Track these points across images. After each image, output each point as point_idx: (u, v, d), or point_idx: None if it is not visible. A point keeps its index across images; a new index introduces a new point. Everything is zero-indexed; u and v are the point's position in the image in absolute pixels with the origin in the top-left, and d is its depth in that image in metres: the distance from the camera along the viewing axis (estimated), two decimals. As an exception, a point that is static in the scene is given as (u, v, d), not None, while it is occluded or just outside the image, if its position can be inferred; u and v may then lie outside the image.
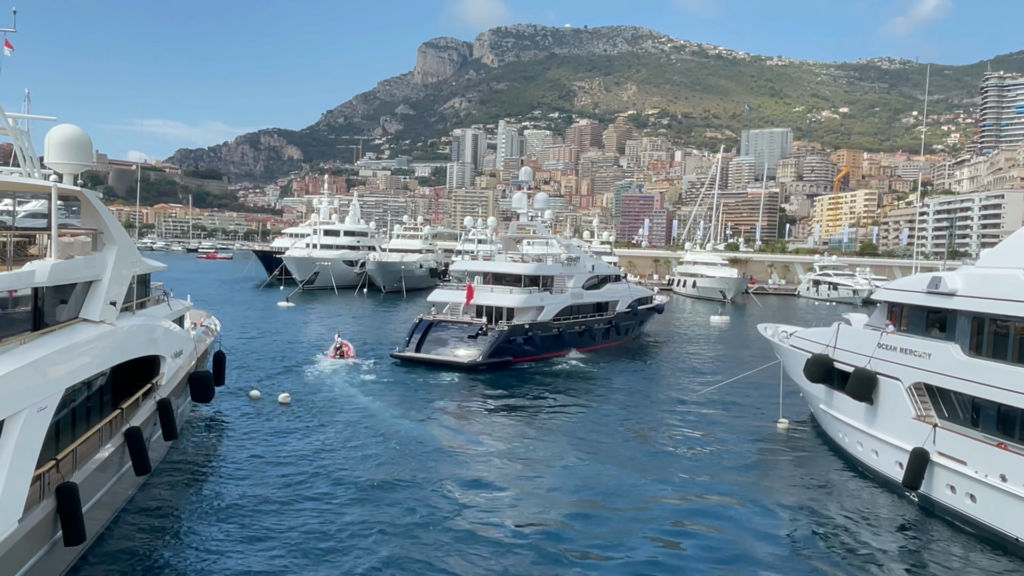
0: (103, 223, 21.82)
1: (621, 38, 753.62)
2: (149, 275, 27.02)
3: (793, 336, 35.29)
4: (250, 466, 25.24)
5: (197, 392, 27.79)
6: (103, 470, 18.52)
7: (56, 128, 22.01)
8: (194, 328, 33.70)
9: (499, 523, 21.19)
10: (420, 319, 50.48)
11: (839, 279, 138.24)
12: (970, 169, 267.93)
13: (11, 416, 14.61)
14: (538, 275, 53.58)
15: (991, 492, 20.65)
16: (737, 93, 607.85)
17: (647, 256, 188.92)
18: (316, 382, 40.26)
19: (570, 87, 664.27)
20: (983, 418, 22.32)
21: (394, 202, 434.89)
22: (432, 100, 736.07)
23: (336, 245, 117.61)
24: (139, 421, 20.94)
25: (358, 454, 27.25)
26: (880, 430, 25.94)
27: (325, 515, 21.20)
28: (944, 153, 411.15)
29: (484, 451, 28.63)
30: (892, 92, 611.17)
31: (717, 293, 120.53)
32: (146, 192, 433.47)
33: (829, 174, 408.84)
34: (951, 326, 23.83)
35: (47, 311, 18.26)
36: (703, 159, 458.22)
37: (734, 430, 33.07)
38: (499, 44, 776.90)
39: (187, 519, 20.59)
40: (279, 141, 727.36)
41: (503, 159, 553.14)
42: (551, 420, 34.32)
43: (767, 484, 25.84)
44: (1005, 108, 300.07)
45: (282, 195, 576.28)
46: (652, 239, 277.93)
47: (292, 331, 61.88)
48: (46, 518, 15.32)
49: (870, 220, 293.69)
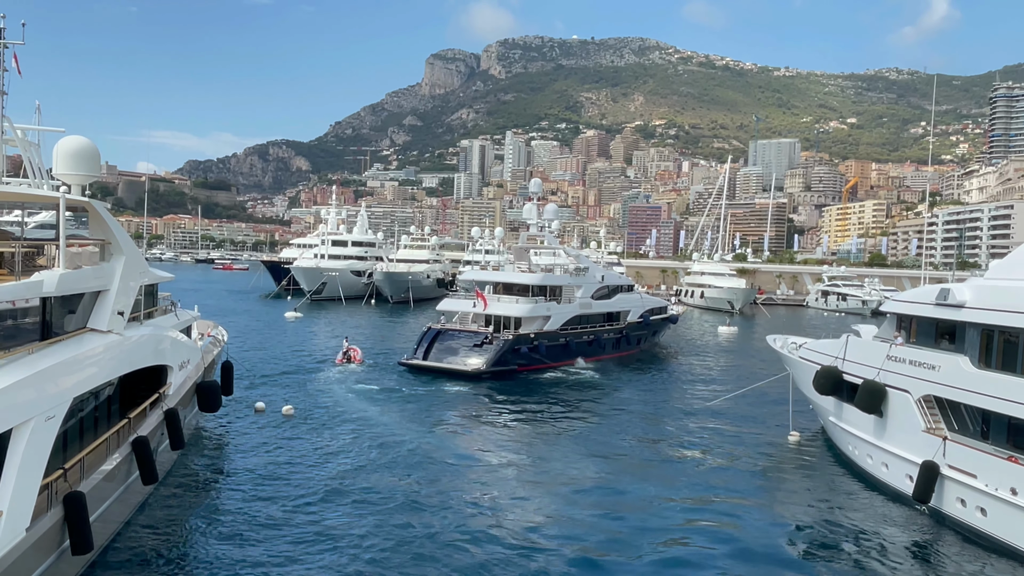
0: (111, 233, 21.92)
1: (628, 49, 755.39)
2: (156, 285, 27.13)
3: (802, 348, 35.12)
4: (257, 476, 25.22)
5: (204, 402, 27.82)
6: (110, 480, 18.54)
7: (64, 139, 22.12)
8: (201, 338, 33.78)
9: (505, 534, 21.08)
10: (429, 327, 51.50)
11: (848, 290, 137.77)
12: (979, 179, 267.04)
13: (19, 425, 14.64)
14: (545, 285, 54.14)
15: (1002, 506, 20.47)
16: (744, 104, 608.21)
17: (655, 266, 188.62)
18: (322, 392, 40.26)
19: (577, 98, 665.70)
20: (993, 431, 22.15)
21: (401, 213, 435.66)
22: (440, 111, 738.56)
23: (344, 256, 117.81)
24: (146, 431, 20.97)
25: (363, 465, 27.17)
26: (890, 443, 25.76)
27: (330, 526, 21.13)
28: (953, 163, 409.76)
29: (489, 463, 28.53)
30: (900, 102, 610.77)
31: (725, 304, 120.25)
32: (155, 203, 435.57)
33: (837, 184, 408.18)
34: (960, 338, 23.69)
35: (55, 321, 18.33)
36: (710, 169, 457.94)
37: (744, 442, 32.87)
38: (506, 55, 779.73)
39: (194, 529, 20.57)
40: (287, 152, 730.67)
41: (510, 170, 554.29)
42: (557, 431, 34.21)
43: (777, 497, 25.69)
44: (1014, 118, 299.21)
45: (290, 206, 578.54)
46: (660, 249, 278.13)
47: (299, 341, 61.97)
48: (53, 527, 15.33)
49: (879, 231, 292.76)
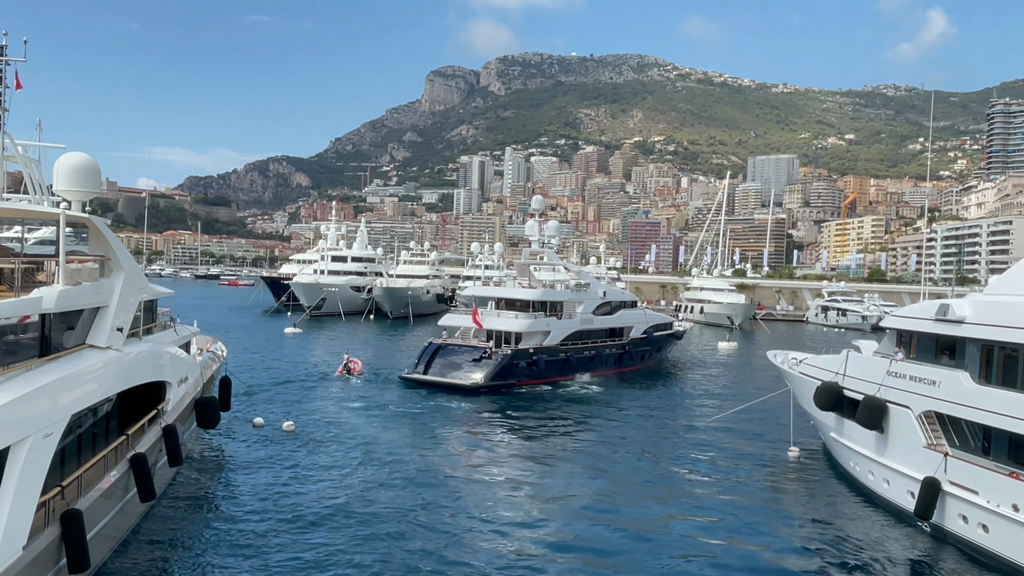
0: (111, 250, 21.94)
1: (627, 66, 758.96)
2: (156, 301, 27.13)
3: (803, 363, 35.03)
4: (255, 493, 25.10)
5: (203, 418, 27.73)
6: (108, 497, 18.44)
7: (65, 156, 22.19)
8: (200, 354, 33.74)
9: (505, 552, 20.96)
10: (430, 342, 52.45)
11: (848, 305, 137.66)
12: (977, 195, 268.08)
13: (17, 442, 14.58)
14: (545, 300, 54.66)
15: (1003, 522, 20.36)
16: (743, 120, 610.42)
17: (654, 282, 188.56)
18: (322, 408, 40.16)
19: (576, 114, 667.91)
20: (994, 447, 22.05)
21: (401, 228, 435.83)
22: (439, 127, 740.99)
23: (343, 271, 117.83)
24: (145, 447, 20.89)
25: (362, 482, 27.07)
26: (891, 459, 25.66)
27: (329, 544, 21.00)
28: (951, 179, 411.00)
29: (489, 481, 28.40)
30: (898, 119, 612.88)
31: (725, 319, 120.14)
32: (155, 219, 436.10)
33: (836, 200, 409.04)
34: (960, 353, 23.65)
35: (54, 337, 18.31)
36: (709, 185, 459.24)
37: (744, 458, 32.75)
38: (506, 72, 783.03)
39: (192, 547, 20.45)
40: (288, 168, 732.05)
41: (510, 185, 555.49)
42: (557, 447, 34.07)
43: (778, 514, 25.54)
44: (1012, 134, 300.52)
45: (290, 222, 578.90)
46: (659, 265, 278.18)
47: (298, 357, 61.89)
48: (51, 545, 15.24)
49: (878, 246, 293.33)
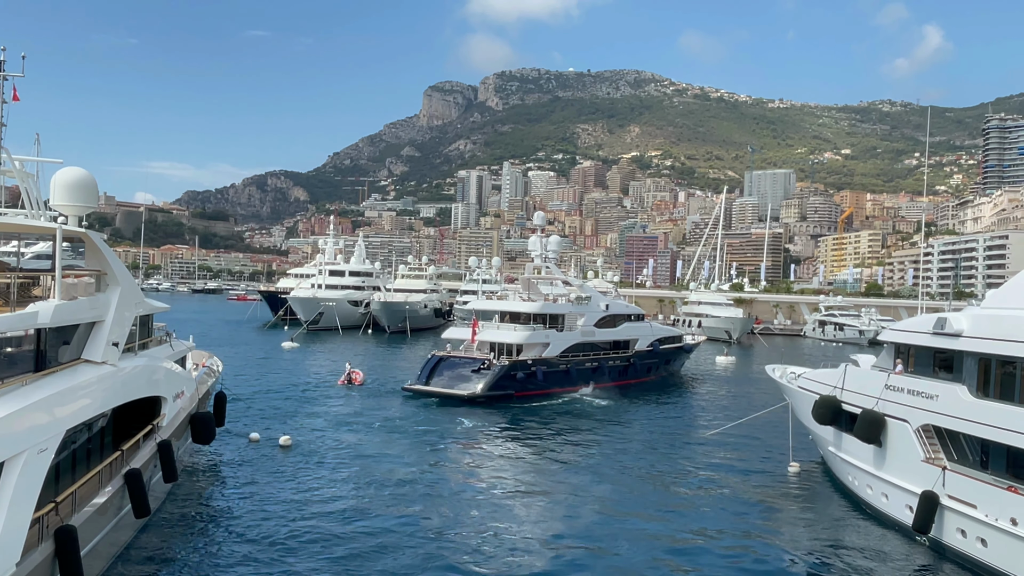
0: (107, 264, 21.90)
1: (624, 81, 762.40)
2: (152, 316, 27.07)
3: (801, 377, 35.00)
4: (251, 509, 24.95)
5: (198, 433, 27.61)
6: (102, 513, 18.31)
7: (62, 171, 22.21)
8: (196, 369, 33.65)
9: (504, 567, 20.84)
10: (432, 354, 54.05)
11: (845, 319, 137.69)
12: (973, 210, 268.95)
13: (11, 458, 14.52)
14: (545, 313, 55.33)
15: (1002, 536, 20.28)
16: (739, 135, 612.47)
17: (652, 296, 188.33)
18: (319, 422, 40.01)
19: (574, 129, 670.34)
20: (993, 460, 22.01)
21: (399, 242, 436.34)
22: (437, 142, 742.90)
23: (341, 285, 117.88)
24: (139, 463, 20.77)
25: (359, 497, 26.93)
26: (889, 473, 25.60)
27: (325, 560, 20.87)
28: (947, 194, 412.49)
29: (488, 494, 28.25)
30: (894, 134, 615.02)
31: (722, 333, 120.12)
32: (153, 233, 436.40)
33: (832, 215, 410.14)
34: (958, 367, 23.64)
35: (49, 352, 18.24)
36: (707, 200, 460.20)
37: (743, 473, 32.66)
38: (504, 87, 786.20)
39: (186, 563, 20.29)
40: (285, 183, 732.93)
41: (507, 200, 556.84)
42: (556, 460, 33.90)
43: (777, 528, 25.43)
44: (1007, 149, 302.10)
45: (288, 236, 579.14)
46: (656, 279, 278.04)
47: (295, 371, 61.76)
48: (44, 561, 15.13)
49: (874, 261, 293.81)
